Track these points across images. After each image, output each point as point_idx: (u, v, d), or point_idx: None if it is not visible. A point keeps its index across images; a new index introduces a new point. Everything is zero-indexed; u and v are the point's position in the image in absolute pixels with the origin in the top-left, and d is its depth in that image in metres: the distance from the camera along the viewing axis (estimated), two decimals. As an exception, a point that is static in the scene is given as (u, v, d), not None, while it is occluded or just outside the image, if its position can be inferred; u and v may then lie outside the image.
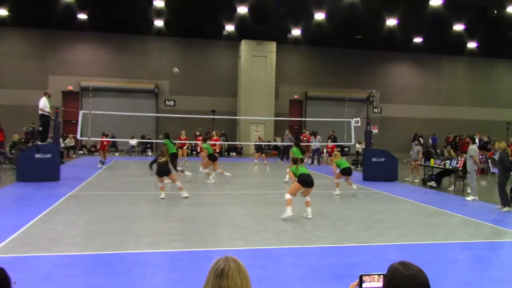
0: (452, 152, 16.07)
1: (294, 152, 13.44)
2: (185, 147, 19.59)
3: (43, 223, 8.01)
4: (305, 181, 8.95)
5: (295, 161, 9.38)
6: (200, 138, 17.05)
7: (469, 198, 11.99)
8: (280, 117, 27.63)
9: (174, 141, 15.50)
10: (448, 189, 14.18)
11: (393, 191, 13.33)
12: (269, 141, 28.22)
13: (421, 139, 27.90)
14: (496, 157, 19.23)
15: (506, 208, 10.44)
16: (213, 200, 11.06)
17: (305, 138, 23.98)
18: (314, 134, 23.27)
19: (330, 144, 21.23)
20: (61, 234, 7.23)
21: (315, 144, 22.23)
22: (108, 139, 20.28)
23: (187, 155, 20.84)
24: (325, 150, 24.20)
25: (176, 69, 17.50)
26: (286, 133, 24.65)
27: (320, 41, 29.04)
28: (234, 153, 27.91)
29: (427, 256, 6.56)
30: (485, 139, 26.71)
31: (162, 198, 10.81)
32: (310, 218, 8.92)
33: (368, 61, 31.58)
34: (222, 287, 1.93)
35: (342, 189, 13.76)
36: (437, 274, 5.49)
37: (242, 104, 28.53)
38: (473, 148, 12.39)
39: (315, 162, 22.37)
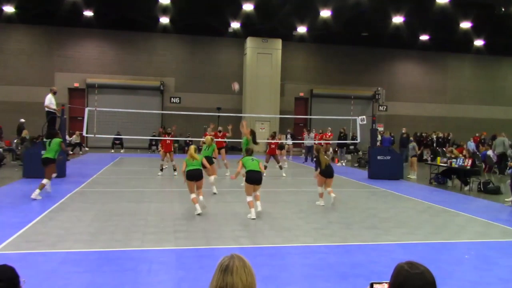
0: (455, 151, 15.96)
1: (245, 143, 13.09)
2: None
3: (49, 220, 8.04)
4: (252, 180, 8.71)
5: (248, 152, 9.30)
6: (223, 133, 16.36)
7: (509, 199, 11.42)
8: (285, 115, 27.58)
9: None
10: (465, 189, 13.69)
11: (399, 189, 13.27)
12: (279, 138, 28.10)
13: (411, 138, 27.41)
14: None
15: None
16: (218, 197, 11.05)
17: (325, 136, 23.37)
18: (308, 130, 23.07)
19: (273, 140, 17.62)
20: (67, 231, 7.26)
21: (308, 141, 21.78)
22: (170, 138, 15.89)
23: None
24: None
25: (235, 86, 15.71)
26: (289, 131, 24.74)
27: (326, 38, 28.93)
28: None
29: (433, 255, 6.52)
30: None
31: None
32: (260, 210, 8.73)
33: (374, 58, 31.44)
34: (227, 283, 1.94)
35: (348, 187, 13.73)
36: (443, 274, 5.47)
37: (247, 101, 28.50)
38: None
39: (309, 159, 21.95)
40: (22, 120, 21.13)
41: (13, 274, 2.05)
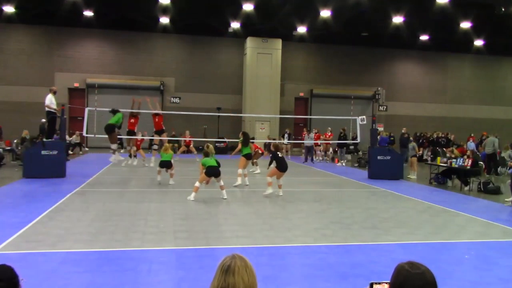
0: (456, 151, 15.95)
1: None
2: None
3: (49, 219, 8.04)
4: (211, 173, 10.60)
5: (207, 154, 10.94)
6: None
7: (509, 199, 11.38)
8: (285, 115, 27.57)
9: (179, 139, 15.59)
10: (465, 189, 13.71)
11: (399, 189, 13.26)
12: (274, 139, 28.17)
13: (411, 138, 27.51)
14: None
15: None
16: (217, 197, 11.05)
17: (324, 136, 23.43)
18: (308, 130, 23.07)
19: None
20: (67, 231, 7.26)
21: (308, 141, 21.67)
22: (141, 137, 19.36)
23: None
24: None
25: None
26: (287, 131, 24.77)
27: (326, 38, 28.92)
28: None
29: (433, 255, 6.52)
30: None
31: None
32: (226, 198, 10.54)
33: (374, 58, 31.43)
34: (228, 283, 1.94)
35: (348, 187, 13.74)
36: (443, 274, 5.46)
37: (247, 101, 28.49)
38: None
39: (309, 159, 21.86)
40: (43, 120, 20.84)
41: (13, 273, 2.07)
